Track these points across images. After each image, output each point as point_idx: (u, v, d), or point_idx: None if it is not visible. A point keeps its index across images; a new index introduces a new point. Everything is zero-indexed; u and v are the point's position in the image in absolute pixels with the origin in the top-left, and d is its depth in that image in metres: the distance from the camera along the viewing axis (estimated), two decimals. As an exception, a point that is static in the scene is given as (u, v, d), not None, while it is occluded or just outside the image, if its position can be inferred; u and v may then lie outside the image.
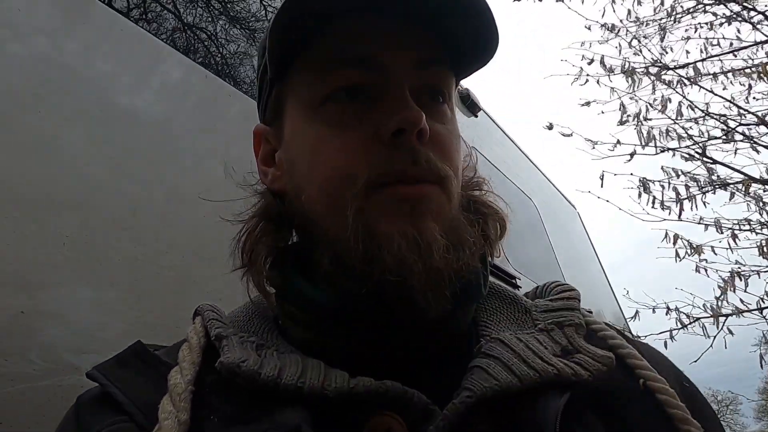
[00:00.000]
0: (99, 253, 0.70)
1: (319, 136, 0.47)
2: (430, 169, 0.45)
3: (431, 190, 0.45)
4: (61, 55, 0.77)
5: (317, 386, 0.40)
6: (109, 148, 0.78)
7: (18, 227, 0.63)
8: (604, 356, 0.45)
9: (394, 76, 0.46)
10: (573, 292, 0.55)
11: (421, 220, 0.44)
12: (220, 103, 1.04)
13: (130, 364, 0.47)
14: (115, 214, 0.75)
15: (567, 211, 4.13)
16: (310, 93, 0.48)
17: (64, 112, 0.74)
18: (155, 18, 1.01)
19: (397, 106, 0.45)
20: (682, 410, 0.44)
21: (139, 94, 0.87)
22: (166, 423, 0.39)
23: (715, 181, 3.08)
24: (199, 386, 0.43)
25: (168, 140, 0.89)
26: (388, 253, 0.42)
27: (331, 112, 0.47)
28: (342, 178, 0.45)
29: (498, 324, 0.51)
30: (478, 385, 0.40)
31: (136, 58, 0.90)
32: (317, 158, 0.47)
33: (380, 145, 0.45)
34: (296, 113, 0.50)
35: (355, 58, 0.46)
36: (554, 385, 0.42)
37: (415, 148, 0.44)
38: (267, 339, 0.48)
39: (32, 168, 0.67)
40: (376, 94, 0.46)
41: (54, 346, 0.61)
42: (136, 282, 0.73)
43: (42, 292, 0.62)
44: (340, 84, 0.46)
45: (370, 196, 0.44)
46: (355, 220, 0.43)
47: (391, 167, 0.44)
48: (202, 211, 0.86)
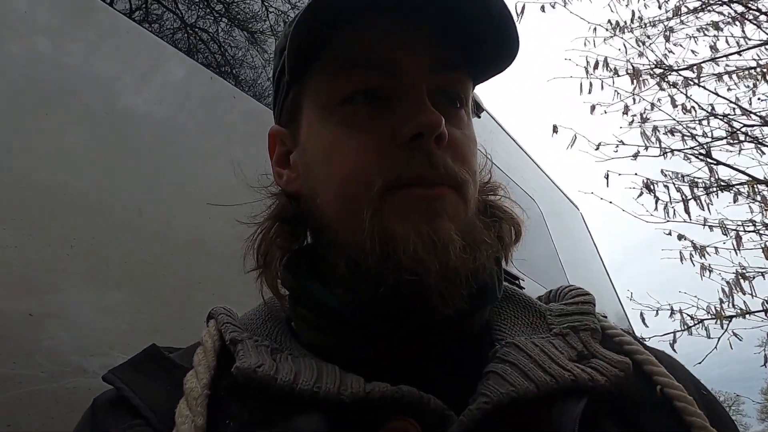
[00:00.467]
0: (105, 256, 0.70)
1: (335, 138, 0.47)
2: (447, 173, 0.45)
3: (447, 192, 0.45)
4: (67, 58, 0.77)
5: (333, 391, 0.40)
6: (114, 151, 0.78)
7: (24, 231, 0.63)
8: (621, 362, 0.44)
9: (412, 79, 0.46)
10: (588, 296, 0.55)
11: (437, 219, 0.44)
12: (225, 105, 1.04)
13: (145, 368, 0.47)
14: (120, 217, 0.75)
15: (570, 211, 4.12)
16: (327, 95, 0.48)
17: (69, 115, 0.74)
18: (159, 20, 1.01)
19: (415, 110, 0.44)
20: (701, 418, 0.43)
21: (143, 96, 0.87)
22: (183, 428, 0.39)
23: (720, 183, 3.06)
24: (214, 390, 0.43)
25: (173, 142, 0.90)
26: (404, 253, 0.42)
27: (347, 114, 0.46)
28: (358, 180, 0.45)
29: (512, 328, 0.50)
30: (494, 391, 0.40)
31: (141, 60, 0.91)
32: (333, 160, 0.47)
33: (397, 148, 0.44)
34: (312, 115, 0.49)
35: (373, 60, 0.46)
36: (571, 391, 0.41)
37: (432, 152, 0.44)
38: (281, 342, 0.48)
39: (38, 172, 0.67)
40: (393, 95, 0.46)
41: (61, 348, 0.61)
42: (142, 284, 0.73)
43: (49, 295, 0.62)
44: (357, 86, 0.46)
45: (385, 198, 0.44)
46: (371, 223, 0.43)
47: (407, 171, 0.44)
48: (207, 213, 0.86)
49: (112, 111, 0.81)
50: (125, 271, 0.72)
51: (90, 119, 0.77)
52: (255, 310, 0.55)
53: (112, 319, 0.67)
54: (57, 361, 0.60)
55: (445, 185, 0.45)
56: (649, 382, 0.46)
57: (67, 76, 0.76)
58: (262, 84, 1.21)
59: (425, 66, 0.47)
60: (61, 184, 0.69)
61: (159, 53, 0.95)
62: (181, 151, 0.90)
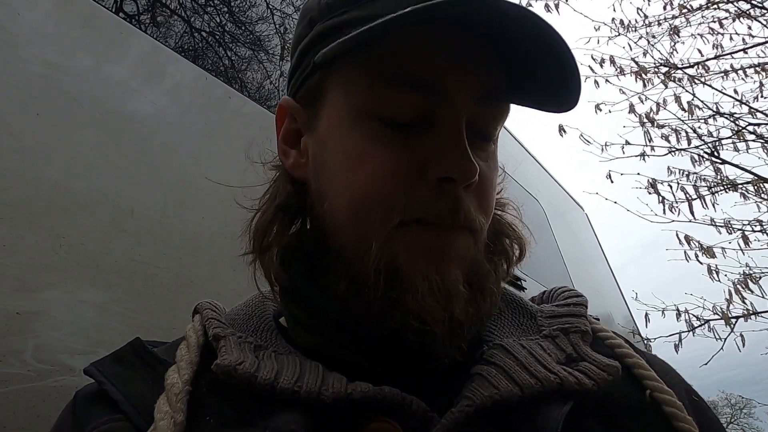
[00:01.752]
0: (96, 254, 0.70)
1: (358, 151, 0.44)
2: (467, 219, 0.43)
3: (461, 236, 0.44)
4: (60, 59, 0.77)
5: (314, 391, 0.39)
6: (106, 151, 0.78)
7: (14, 229, 0.63)
8: (610, 365, 0.43)
9: (456, 109, 0.43)
10: (580, 298, 0.54)
11: (446, 265, 0.42)
12: (219, 105, 1.04)
13: (128, 361, 0.46)
14: (112, 215, 0.75)
15: (574, 212, 4.10)
16: (361, 99, 0.44)
17: (61, 116, 0.74)
18: (154, 21, 1.01)
19: (453, 149, 0.42)
20: (689, 424, 0.43)
21: (134, 96, 0.87)
22: (162, 423, 0.38)
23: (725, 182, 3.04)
24: (196, 386, 0.42)
25: (166, 142, 0.90)
26: (413, 298, 0.41)
27: (377, 128, 0.43)
28: (375, 206, 0.42)
29: (502, 329, 0.50)
30: (477, 394, 0.40)
31: (132, 59, 0.91)
32: (353, 173, 0.44)
33: (424, 184, 0.42)
34: (341, 112, 0.46)
35: (421, 80, 0.42)
36: (557, 394, 0.41)
37: (459, 198, 0.43)
38: (266, 339, 0.47)
39: (29, 170, 0.67)
40: (432, 120, 0.43)
41: (49, 347, 0.61)
42: (132, 283, 0.73)
43: (38, 294, 0.62)
44: (396, 104, 0.43)
45: (401, 231, 0.42)
46: (378, 252, 0.42)
47: (429, 213, 0.42)
48: (199, 212, 0.86)
49: (104, 112, 0.81)
50: (116, 270, 0.72)
51: (82, 121, 0.77)
52: (243, 304, 0.54)
53: (102, 317, 0.67)
54: (44, 359, 0.60)
55: (462, 229, 0.44)
56: (638, 386, 0.46)
57: (60, 78, 0.76)
58: (256, 85, 1.21)
59: (471, 97, 0.44)
60: (52, 183, 0.69)
61: (153, 55, 0.95)
62: (175, 150, 0.90)
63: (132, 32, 0.92)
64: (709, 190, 3.03)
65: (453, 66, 0.43)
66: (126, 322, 0.68)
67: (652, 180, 3.13)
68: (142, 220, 0.79)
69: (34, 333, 0.60)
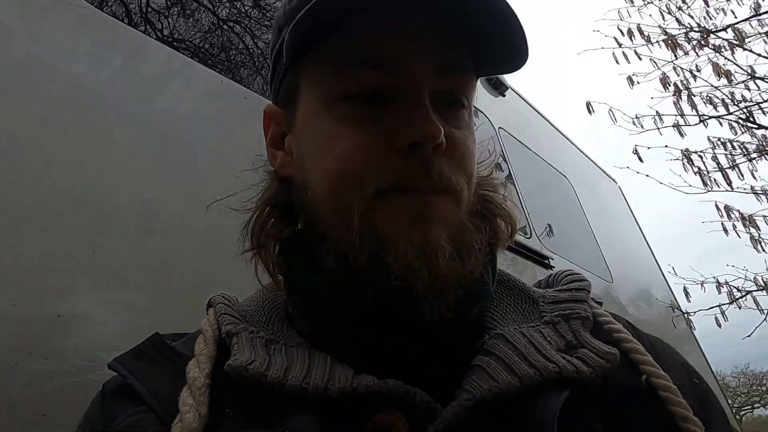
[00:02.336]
0: (126, 259, 0.76)
1: (333, 134, 0.46)
2: (443, 182, 0.45)
3: (441, 199, 0.45)
4: (84, 73, 0.83)
5: (321, 387, 0.41)
6: (130, 160, 0.84)
7: (51, 239, 0.69)
8: (609, 353, 0.44)
9: (416, 81, 0.45)
10: (583, 282, 0.55)
11: (428, 226, 0.44)
12: (238, 109, 1.08)
13: (148, 356, 0.49)
14: (140, 222, 0.80)
15: (607, 186, 4.00)
16: (328, 87, 0.47)
17: (88, 129, 0.80)
18: (170, 28, 1.06)
19: (416, 116, 0.44)
20: (684, 408, 0.43)
21: (158, 105, 0.93)
22: (188, 416, 0.41)
23: (763, 148, 2.91)
24: (214, 379, 0.45)
25: (186, 146, 0.95)
26: (395, 258, 0.42)
27: (346, 110, 0.46)
28: (351, 181, 0.45)
29: (504, 316, 0.51)
30: (477, 387, 0.41)
31: (155, 68, 0.96)
32: (326, 156, 0.47)
33: (394, 153, 0.44)
34: (312, 104, 0.49)
35: (378, 58, 0.45)
36: (555, 382, 0.42)
37: (429, 160, 0.44)
38: (277, 331, 0.49)
39: (60, 184, 0.73)
40: (395, 96, 0.46)
41: (88, 345, 0.67)
42: (159, 284, 0.79)
43: (74, 298, 0.69)
44: (360, 85, 0.46)
45: (377, 202, 0.44)
46: (361, 223, 0.44)
47: (402, 179, 0.44)
48: (221, 215, 0.91)
49: (132, 124, 0.86)
50: (144, 273, 0.77)
51: (107, 131, 0.83)
52: (254, 296, 0.56)
53: (133, 316, 0.73)
54: (84, 356, 0.66)
55: (439, 192, 0.45)
56: (635, 372, 0.46)
57: (86, 92, 0.82)
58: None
59: (431, 69, 0.46)
60: (82, 194, 0.75)
61: (171, 62, 1.00)
62: (196, 155, 0.95)
63: (152, 43, 0.97)
64: (745, 157, 2.91)
65: (409, 42, 0.46)
66: (154, 319, 0.74)
67: (685, 150, 3.02)
68: (167, 224, 0.84)
69: (74, 333, 0.67)
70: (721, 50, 3.12)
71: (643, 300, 3.33)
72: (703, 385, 0.51)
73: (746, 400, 24.40)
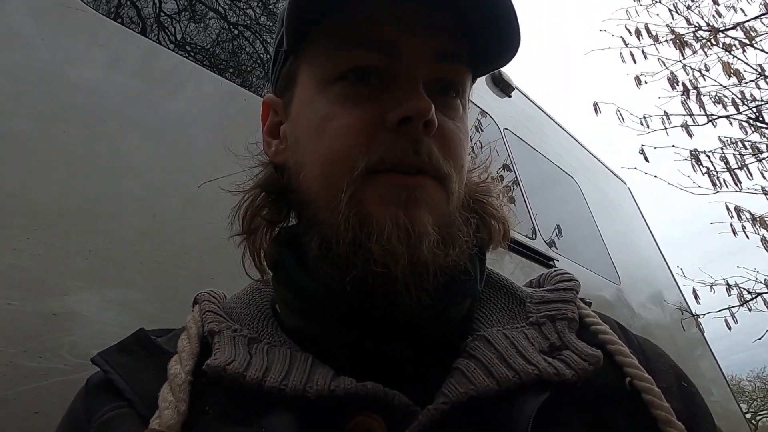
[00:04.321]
0: (121, 258, 0.77)
1: (325, 115, 0.47)
2: (431, 163, 0.45)
3: (429, 182, 0.45)
4: (83, 77, 0.84)
5: (299, 388, 0.41)
6: (126, 161, 0.85)
7: (47, 239, 0.70)
8: (592, 355, 0.44)
9: (411, 65, 0.46)
10: (571, 282, 0.54)
11: (414, 209, 0.44)
12: (235, 109, 1.09)
13: (132, 351, 0.49)
14: (135, 221, 0.81)
15: (615, 187, 3.97)
16: (324, 69, 0.48)
17: (85, 131, 0.81)
18: (168, 29, 1.07)
19: (408, 95, 0.44)
20: (667, 411, 0.43)
21: (155, 105, 0.94)
22: (166, 412, 0.41)
23: (773, 148, 2.87)
24: (196, 376, 0.45)
25: (184, 149, 0.95)
26: (377, 242, 0.42)
27: (340, 92, 0.46)
28: (341, 159, 0.45)
29: (489, 317, 0.50)
30: (454, 391, 0.41)
31: (151, 70, 0.97)
32: (320, 137, 0.47)
33: (384, 130, 0.45)
34: (307, 88, 0.49)
35: (374, 40, 0.46)
36: (535, 385, 0.41)
37: (419, 138, 0.44)
38: (261, 329, 0.49)
39: (57, 184, 0.74)
40: (388, 78, 0.46)
41: (82, 343, 0.68)
42: (155, 283, 0.80)
43: (70, 297, 0.69)
44: (355, 65, 0.46)
45: (366, 181, 0.44)
46: (347, 206, 0.44)
47: (391, 153, 0.44)
48: (217, 214, 0.91)
49: (126, 124, 0.87)
50: (139, 271, 0.78)
51: (104, 133, 0.84)
52: (242, 292, 0.56)
53: (128, 315, 0.74)
54: (79, 354, 0.67)
55: (428, 175, 0.45)
56: (620, 374, 0.46)
57: (83, 93, 0.83)
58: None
59: (426, 55, 0.46)
60: (79, 195, 0.76)
61: (170, 64, 1.01)
62: (193, 156, 0.96)
63: (146, 43, 0.98)
64: (754, 156, 2.87)
65: (407, 27, 0.46)
66: (149, 318, 0.75)
67: (694, 151, 2.99)
68: (163, 223, 0.85)
69: (69, 331, 0.68)
70: (731, 49, 3.09)
71: (653, 302, 3.30)
72: (690, 389, 0.50)
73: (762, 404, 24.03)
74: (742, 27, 2.95)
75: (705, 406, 0.50)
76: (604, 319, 0.53)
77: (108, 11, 0.94)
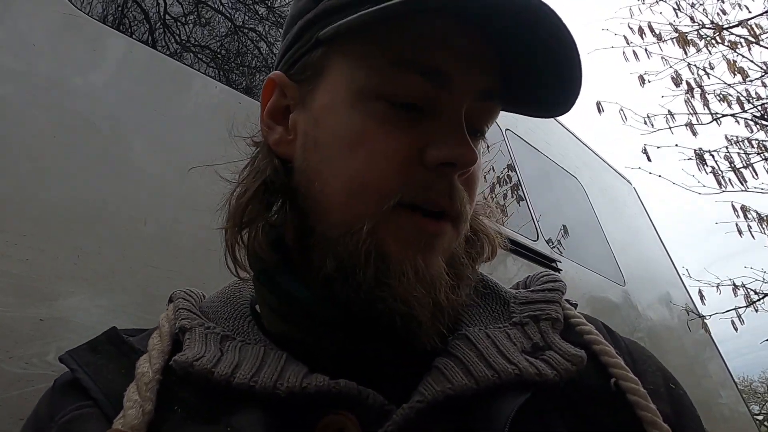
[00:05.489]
0: (111, 262, 0.77)
1: (360, 131, 0.44)
2: (462, 210, 0.45)
3: (448, 228, 0.45)
4: (71, 82, 0.84)
5: (269, 385, 0.40)
6: (117, 165, 0.84)
7: (35, 244, 0.70)
8: (575, 355, 0.43)
9: (459, 100, 0.44)
10: (557, 283, 0.54)
11: (432, 255, 0.44)
12: (228, 113, 1.09)
13: (102, 350, 0.48)
14: (126, 225, 0.81)
15: (620, 187, 3.94)
16: (368, 81, 0.44)
17: (74, 136, 0.81)
18: (153, 32, 1.06)
19: (452, 135, 0.43)
20: (652, 413, 0.42)
21: (145, 108, 0.93)
22: (131, 412, 0.40)
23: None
24: (166, 375, 0.43)
25: (176, 152, 0.95)
26: (399, 282, 0.42)
27: (382, 111, 0.44)
28: (373, 187, 0.43)
29: (472, 317, 0.50)
30: (430, 389, 0.40)
31: (138, 73, 0.96)
32: (352, 154, 0.44)
33: (423, 167, 0.43)
34: (341, 91, 0.46)
35: (430, 67, 0.43)
36: (516, 385, 0.41)
37: (455, 184, 0.44)
38: (237, 328, 0.48)
39: (46, 189, 0.74)
40: (432, 108, 0.44)
41: (69, 349, 0.67)
42: (146, 287, 0.79)
43: (58, 302, 0.69)
44: (405, 91, 0.44)
45: (391, 215, 0.43)
46: (368, 235, 0.42)
47: (428, 194, 0.43)
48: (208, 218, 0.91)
49: (115, 127, 0.87)
50: (130, 276, 0.78)
51: (94, 138, 0.83)
52: (220, 291, 0.55)
53: (118, 320, 0.73)
54: (66, 360, 0.66)
55: (449, 218, 0.45)
56: (605, 374, 0.45)
57: (72, 97, 0.83)
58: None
59: (474, 88, 0.45)
60: (68, 199, 0.76)
61: (162, 67, 1.01)
62: (185, 160, 0.96)
63: (139, 48, 0.97)
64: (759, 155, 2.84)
65: (462, 59, 0.44)
66: (140, 323, 0.73)
67: (699, 150, 2.96)
68: (155, 227, 0.84)
69: (57, 337, 0.67)
70: (736, 47, 3.06)
71: (659, 303, 3.27)
72: (678, 390, 0.49)
73: (774, 405, 23.77)
74: (746, 24, 2.92)
75: (693, 408, 0.49)
76: (590, 320, 0.53)
77: (105, 18, 0.94)
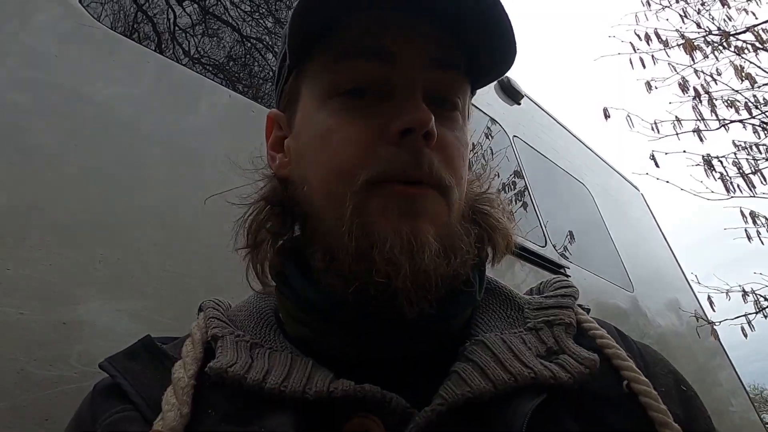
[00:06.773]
0: (130, 267, 0.78)
1: (326, 128, 0.48)
2: (432, 174, 0.46)
3: (431, 193, 0.46)
4: (90, 91, 0.86)
5: (299, 390, 0.42)
6: (137, 173, 0.86)
7: (58, 249, 0.72)
8: (588, 358, 0.44)
9: (409, 74, 0.47)
10: (570, 289, 0.55)
11: (417, 219, 0.44)
12: (244, 121, 1.11)
13: (139, 357, 0.50)
14: (144, 231, 0.83)
15: (629, 193, 3.93)
16: (324, 83, 0.49)
17: (96, 143, 0.83)
18: (166, 41, 1.09)
19: (407, 106, 0.45)
20: (664, 414, 0.43)
21: (166, 119, 0.95)
22: (169, 415, 0.42)
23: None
24: (200, 381, 0.46)
25: (194, 159, 0.97)
26: (379, 253, 0.43)
27: (340, 104, 0.48)
28: (344, 171, 0.46)
29: (488, 323, 0.51)
30: (450, 392, 0.41)
31: (163, 85, 0.99)
32: (322, 149, 0.48)
33: (386, 142, 0.45)
34: (309, 102, 0.51)
35: (373, 49, 0.47)
36: (531, 388, 0.42)
37: (420, 150, 0.45)
38: (264, 336, 0.51)
39: (68, 196, 0.76)
40: (387, 89, 0.47)
41: (91, 351, 0.69)
42: (164, 291, 0.81)
43: (80, 306, 0.71)
44: (354, 77, 0.47)
45: (368, 193, 0.45)
46: (351, 216, 0.44)
47: (393, 166, 0.45)
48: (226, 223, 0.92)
49: (135, 136, 0.89)
50: (149, 281, 0.80)
51: (114, 145, 0.86)
52: (245, 301, 0.58)
53: (137, 324, 0.75)
54: (88, 362, 0.68)
55: (429, 186, 0.46)
56: (617, 377, 0.46)
57: (90, 107, 0.85)
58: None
59: (422, 60, 0.47)
60: (90, 206, 0.78)
61: (181, 79, 1.03)
62: (202, 166, 0.98)
63: (155, 58, 1.00)
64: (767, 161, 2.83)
65: (403, 35, 0.47)
66: (159, 327, 0.76)
67: (707, 156, 2.95)
68: (172, 233, 0.86)
69: (79, 340, 0.69)
70: (743, 52, 3.06)
71: (668, 310, 3.25)
72: (689, 392, 0.50)
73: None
74: (753, 30, 2.92)
75: (704, 409, 0.50)
76: (602, 324, 0.54)
77: (120, 28, 0.97)
